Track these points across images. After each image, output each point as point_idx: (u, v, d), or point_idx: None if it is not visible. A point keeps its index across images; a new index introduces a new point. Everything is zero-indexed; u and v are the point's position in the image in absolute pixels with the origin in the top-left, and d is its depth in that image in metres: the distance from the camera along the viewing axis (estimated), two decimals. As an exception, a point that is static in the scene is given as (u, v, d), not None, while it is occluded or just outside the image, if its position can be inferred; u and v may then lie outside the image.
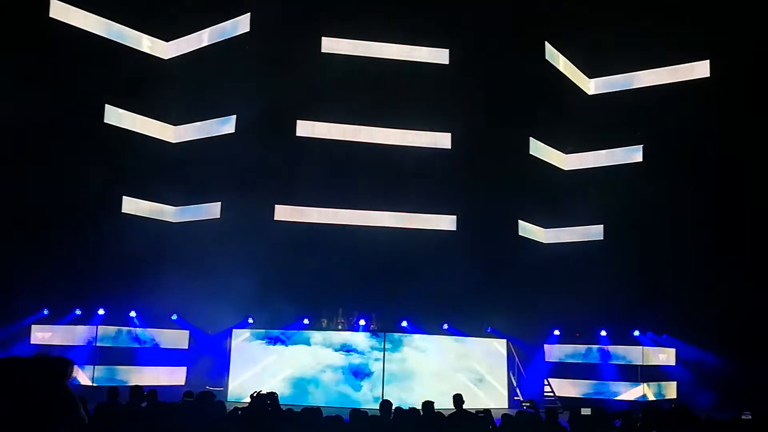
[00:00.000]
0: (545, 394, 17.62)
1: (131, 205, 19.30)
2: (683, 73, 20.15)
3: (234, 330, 17.73)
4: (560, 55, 20.97)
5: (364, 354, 17.48)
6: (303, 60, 18.84)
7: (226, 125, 19.61)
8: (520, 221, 20.59)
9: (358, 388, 17.25)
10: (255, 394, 9.12)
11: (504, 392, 18.09)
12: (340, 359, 17.47)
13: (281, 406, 8.72)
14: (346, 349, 17.54)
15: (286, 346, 17.60)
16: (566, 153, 21.68)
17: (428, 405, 9.00)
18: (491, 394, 17.90)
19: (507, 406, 17.79)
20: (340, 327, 18.03)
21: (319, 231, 18.98)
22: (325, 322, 18.09)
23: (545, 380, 18.25)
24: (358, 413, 8.23)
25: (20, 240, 16.00)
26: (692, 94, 19.47)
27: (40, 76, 16.50)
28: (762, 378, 16.06)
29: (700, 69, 19.89)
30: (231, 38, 19.47)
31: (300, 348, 17.56)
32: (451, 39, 19.83)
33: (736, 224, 18.11)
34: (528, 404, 8.97)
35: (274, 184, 18.65)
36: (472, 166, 19.63)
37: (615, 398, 17.32)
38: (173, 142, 20.37)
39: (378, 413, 8.45)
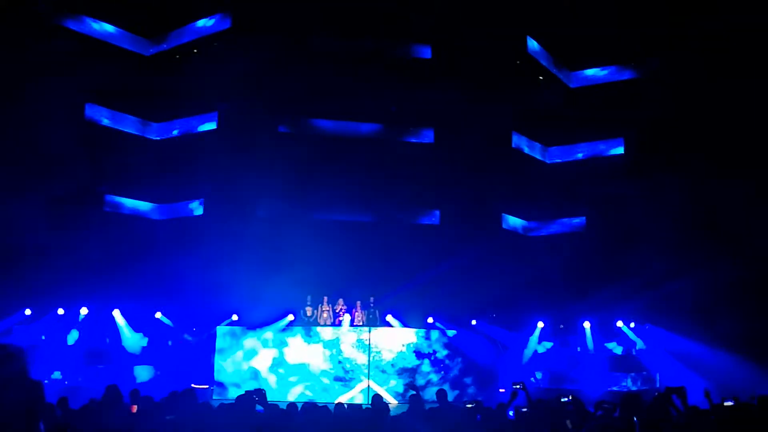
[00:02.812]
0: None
1: (113, 204, 19.15)
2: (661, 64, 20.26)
3: (218, 327, 17.59)
4: (542, 49, 21.01)
5: (348, 349, 17.43)
6: (283, 57, 18.73)
7: (208, 122, 19.55)
8: (503, 215, 20.65)
9: (344, 384, 17.21)
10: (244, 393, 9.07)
11: (490, 384, 18.16)
12: (325, 355, 17.41)
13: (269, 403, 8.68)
14: (332, 344, 17.51)
15: (272, 342, 17.49)
16: (548, 146, 21.75)
17: (415, 398, 9.05)
18: (477, 386, 17.95)
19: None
20: (325, 315, 17.98)
21: (302, 227, 18.87)
22: (310, 310, 18.05)
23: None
24: (342, 408, 8.23)
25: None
26: (671, 85, 19.55)
27: (18, 74, 16.28)
28: (748, 366, 16.18)
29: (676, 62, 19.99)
30: (212, 35, 19.35)
31: (286, 343, 17.48)
32: (432, 33, 19.81)
33: (720, 212, 18.13)
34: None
35: (257, 180, 18.51)
36: (454, 160, 19.63)
37: (601, 389, 17.38)
38: (155, 139, 20.22)
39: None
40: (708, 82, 18.40)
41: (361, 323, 17.91)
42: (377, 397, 9.22)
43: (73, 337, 16.93)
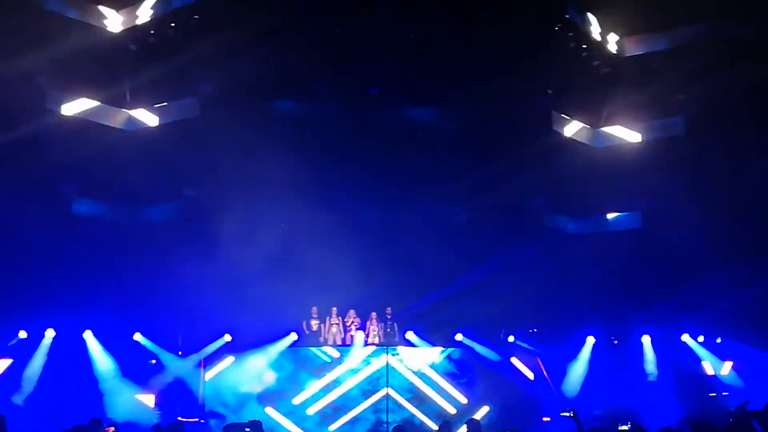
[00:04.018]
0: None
1: (83, 205, 18.93)
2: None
3: (207, 349, 17.42)
4: (588, 14, 20.48)
5: (361, 371, 17.29)
6: (275, 32, 18.25)
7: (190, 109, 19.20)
8: (545, 210, 20.22)
9: (358, 413, 17.07)
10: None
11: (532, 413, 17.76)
12: (335, 380, 17.23)
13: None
14: (342, 367, 17.26)
15: (270, 365, 17.29)
16: (596, 128, 21.17)
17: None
18: (517, 415, 17.54)
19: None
20: (334, 330, 17.89)
21: (304, 227, 18.32)
22: (316, 324, 17.92)
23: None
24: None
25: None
26: (733, 53, 18.95)
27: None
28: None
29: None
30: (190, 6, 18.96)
31: (287, 366, 17.35)
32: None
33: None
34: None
35: (247, 172, 18.03)
36: (483, 146, 19.21)
37: (666, 416, 16.96)
38: (131, 129, 19.84)
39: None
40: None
41: (377, 340, 17.71)
42: (399, 429, 9.23)
43: (38, 362, 16.75)
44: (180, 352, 17.79)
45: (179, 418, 15.69)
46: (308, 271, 17.48)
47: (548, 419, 17.85)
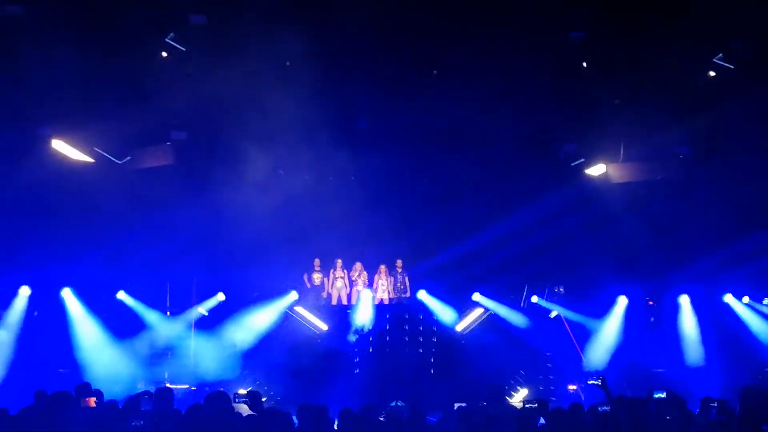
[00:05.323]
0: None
1: (62, 145, 18.86)
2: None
3: (199, 308, 17.73)
4: None
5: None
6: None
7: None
8: (569, 151, 20.10)
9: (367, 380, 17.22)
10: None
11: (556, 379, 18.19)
12: (338, 343, 17.52)
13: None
14: (348, 325, 17.59)
15: (268, 326, 17.60)
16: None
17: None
18: (540, 381, 17.99)
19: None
20: (339, 284, 18.12)
21: (305, 167, 18.01)
22: (318, 278, 18.14)
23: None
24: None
25: None
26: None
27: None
28: None
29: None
30: None
31: (287, 327, 17.67)
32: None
33: None
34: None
35: (240, 97, 17.18)
36: (507, 78, 18.88)
37: (708, 383, 17.22)
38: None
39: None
40: None
41: (386, 296, 17.97)
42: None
43: (11, 323, 17.07)
44: (168, 312, 18.14)
45: (167, 385, 15.70)
46: (311, 219, 17.70)
47: (574, 387, 18.05)
